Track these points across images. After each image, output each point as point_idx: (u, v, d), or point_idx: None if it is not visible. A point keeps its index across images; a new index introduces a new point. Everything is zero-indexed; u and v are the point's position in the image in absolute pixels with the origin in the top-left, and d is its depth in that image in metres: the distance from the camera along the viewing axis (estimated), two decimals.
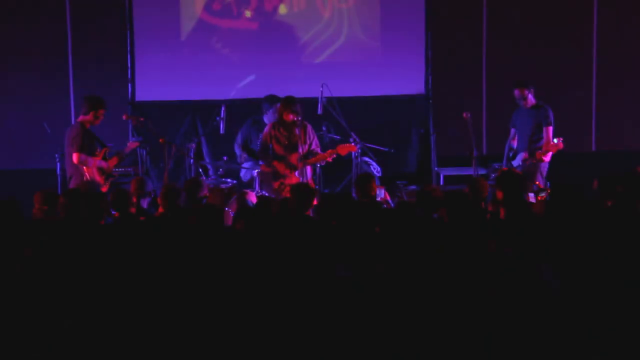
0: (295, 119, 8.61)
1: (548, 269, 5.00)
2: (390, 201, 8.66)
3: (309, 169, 8.77)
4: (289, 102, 8.67)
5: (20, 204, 6.05)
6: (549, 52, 11.10)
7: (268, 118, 9.38)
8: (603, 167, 8.69)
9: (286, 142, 8.71)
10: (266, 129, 8.83)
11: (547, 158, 8.75)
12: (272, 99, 9.43)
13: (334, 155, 8.68)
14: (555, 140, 8.62)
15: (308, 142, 8.75)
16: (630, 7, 11.13)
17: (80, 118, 8.33)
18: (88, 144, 8.24)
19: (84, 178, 8.14)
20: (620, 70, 11.14)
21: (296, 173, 8.66)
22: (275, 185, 8.68)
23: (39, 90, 10.79)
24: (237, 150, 9.72)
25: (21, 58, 10.83)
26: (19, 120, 10.80)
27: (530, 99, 8.91)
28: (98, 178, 8.23)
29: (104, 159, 8.35)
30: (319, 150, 8.79)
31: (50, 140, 9.44)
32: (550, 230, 5.47)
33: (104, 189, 8.19)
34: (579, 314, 4.80)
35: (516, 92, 8.94)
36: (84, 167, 8.17)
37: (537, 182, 8.38)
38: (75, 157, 8.17)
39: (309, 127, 8.81)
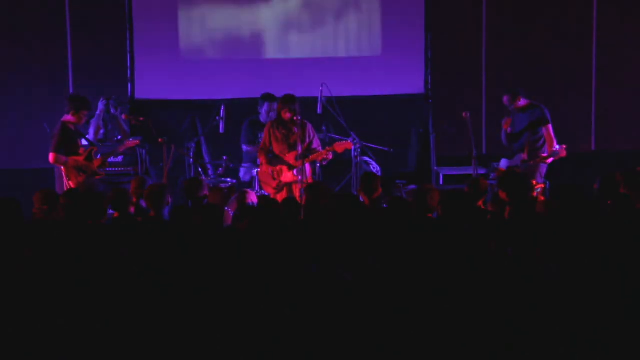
0: (293, 117, 8.62)
1: (554, 268, 5.00)
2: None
3: (308, 167, 8.78)
4: (287, 101, 8.69)
5: (20, 204, 6.05)
6: (549, 52, 11.09)
7: (263, 117, 9.41)
8: (603, 167, 8.71)
9: (285, 141, 8.73)
10: (266, 127, 8.87)
11: (550, 160, 8.73)
12: (266, 97, 9.45)
13: (330, 154, 8.72)
14: (558, 147, 8.59)
15: (308, 140, 8.76)
16: (630, 7, 11.12)
17: (64, 118, 8.50)
18: (67, 144, 8.41)
19: (62, 177, 8.30)
20: (620, 70, 11.14)
21: (294, 172, 8.68)
22: (274, 184, 8.72)
23: (38, 90, 10.78)
24: (245, 147, 9.67)
25: (21, 57, 10.83)
26: (19, 120, 10.79)
27: (522, 101, 8.90)
28: (74, 177, 8.34)
29: (88, 159, 8.44)
30: (319, 149, 8.82)
31: (50, 140, 9.44)
32: (551, 230, 5.47)
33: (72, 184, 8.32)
34: (579, 313, 4.80)
35: (505, 99, 8.95)
36: (62, 167, 8.33)
37: (534, 181, 8.37)
38: (50, 157, 8.37)
39: (309, 126, 8.83)
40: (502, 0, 11.18)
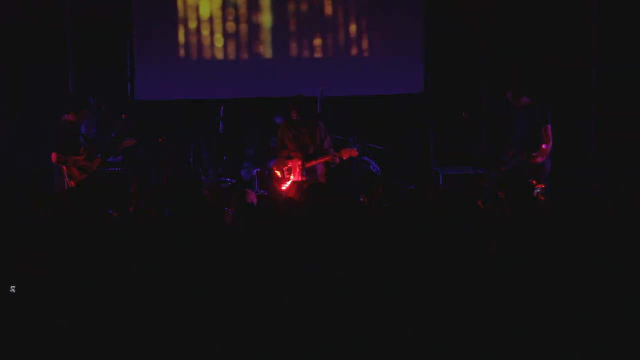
0: (299, 118, 8.69)
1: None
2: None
3: (320, 167, 8.82)
4: (294, 101, 8.79)
5: (20, 204, 6.06)
6: (549, 52, 11.09)
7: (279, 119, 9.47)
8: (603, 168, 8.72)
9: (295, 140, 8.79)
10: (280, 127, 8.94)
11: (540, 160, 8.72)
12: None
13: (337, 158, 8.76)
14: (545, 146, 8.58)
15: (319, 140, 8.81)
16: (631, 6, 11.12)
17: (64, 118, 8.51)
18: (69, 144, 8.40)
19: (63, 176, 8.30)
20: (620, 70, 11.13)
21: (303, 172, 8.73)
22: (284, 182, 8.75)
23: (38, 90, 10.79)
24: (252, 152, 9.72)
25: (21, 57, 10.84)
26: (19, 120, 10.80)
27: (525, 99, 8.90)
28: (76, 177, 8.36)
29: (89, 158, 8.45)
30: (331, 150, 8.87)
31: (50, 140, 9.46)
32: (551, 230, 5.47)
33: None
34: (579, 313, 4.80)
35: (509, 95, 8.96)
36: (64, 167, 8.32)
37: (534, 181, 8.36)
38: (53, 157, 8.39)
39: (321, 127, 8.87)
40: (502, 0, 11.18)
